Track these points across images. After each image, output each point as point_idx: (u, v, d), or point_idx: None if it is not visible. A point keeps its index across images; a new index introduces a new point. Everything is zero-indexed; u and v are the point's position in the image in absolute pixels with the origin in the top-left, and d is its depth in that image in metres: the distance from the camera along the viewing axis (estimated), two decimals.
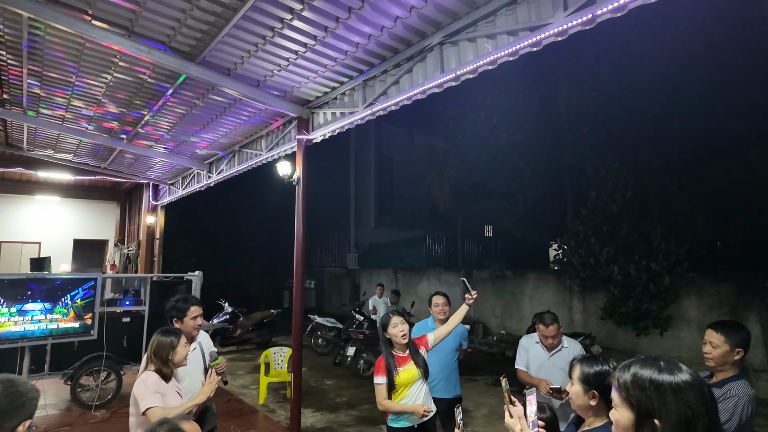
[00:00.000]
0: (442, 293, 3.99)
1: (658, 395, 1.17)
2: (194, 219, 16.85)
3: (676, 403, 1.14)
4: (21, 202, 13.81)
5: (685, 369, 1.21)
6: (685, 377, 1.18)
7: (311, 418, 6.24)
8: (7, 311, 4.20)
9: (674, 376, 1.18)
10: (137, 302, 7.23)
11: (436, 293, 4.01)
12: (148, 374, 2.64)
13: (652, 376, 1.20)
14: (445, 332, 3.26)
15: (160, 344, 2.73)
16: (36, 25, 4.32)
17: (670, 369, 1.20)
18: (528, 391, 1.66)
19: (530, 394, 1.66)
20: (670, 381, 1.17)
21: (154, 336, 2.77)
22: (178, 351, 2.72)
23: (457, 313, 3.30)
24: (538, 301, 10.58)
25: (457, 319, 3.29)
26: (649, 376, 1.20)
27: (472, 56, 3.45)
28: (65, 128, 7.25)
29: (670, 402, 1.15)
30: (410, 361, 2.98)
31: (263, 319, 11.12)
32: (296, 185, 5.26)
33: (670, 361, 1.25)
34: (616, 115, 9.04)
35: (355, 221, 18.59)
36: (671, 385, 1.16)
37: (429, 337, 3.19)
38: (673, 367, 1.21)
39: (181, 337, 2.77)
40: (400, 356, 2.99)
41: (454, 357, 3.92)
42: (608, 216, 8.82)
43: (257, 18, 3.80)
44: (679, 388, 1.16)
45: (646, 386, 1.19)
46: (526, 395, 1.66)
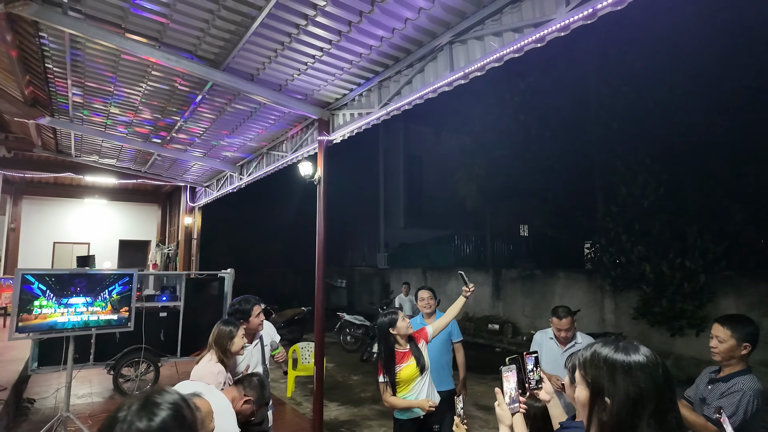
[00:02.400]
0: (427, 288, 4.12)
1: (610, 373, 1.20)
2: (230, 220, 17.48)
3: (624, 381, 1.17)
4: (72, 205, 14.76)
5: (643, 351, 1.23)
6: (638, 358, 1.21)
7: (335, 411, 6.41)
8: (54, 304, 4.56)
9: (627, 356, 1.21)
10: (173, 298, 7.63)
11: (421, 288, 4.13)
12: (218, 367, 2.76)
13: (607, 354, 1.24)
14: (443, 324, 3.33)
15: (220, 333, 2.89)
16: (77, 40, 4.68)
17: (626, 349, 1.24)
18: (505, 368, 1.70)
19: (508, 371, 1.69)
20: (622, 360, 1.21)
21: (215, 325, 2.95)
22: (235, 341, 2.87)
23: (454, 305, 3.36)
24: (568, 301, 10.37)
25: (455, 311, 3.35)
26: (605, 354, 1.24)
27: (480, 54, 3.51)
28: (107, 135, 7.75)
29: (620, 380, 1.18)
30: (411, 356, 3.06)
31: (294, 317, 11.43)
32: (318, 185, 5.44)
33: (630, 343, 1.29)
34: (648, 109, 8.78)
35: (385, 221, 18.75)
36: (623, 364, 1.20)
37: (428, 329, 3.27)
38: (630, 348, 1.25)
39: (239, 328, 2.93)
40: (400, 352, 3.07)
41: (443, 351, 3.97)
42: (640, 213, 8.57)
43: (274, 25, 3.99)
44: (630, 367, 1.18)
45: (600, 364, 1.23)
46: (503, 372, 1.69)
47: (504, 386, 1.66)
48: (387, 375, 3.00)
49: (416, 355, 3.06)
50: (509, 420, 1.60)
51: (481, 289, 13.06)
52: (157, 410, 1.14)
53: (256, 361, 3.24)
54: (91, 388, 6.86)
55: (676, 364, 7.91)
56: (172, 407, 1.17)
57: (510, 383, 1.67)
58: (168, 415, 1.15)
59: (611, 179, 9.34)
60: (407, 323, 3.09)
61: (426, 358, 3.12)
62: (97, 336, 6.15)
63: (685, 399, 2.55)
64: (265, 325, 3.40)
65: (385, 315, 3.14)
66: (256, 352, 3.27)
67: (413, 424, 3.07)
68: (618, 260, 8.81)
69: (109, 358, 6.48)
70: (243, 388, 2.62)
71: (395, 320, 3.06)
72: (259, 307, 3.23)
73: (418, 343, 3.14)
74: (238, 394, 2.58)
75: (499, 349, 11.15)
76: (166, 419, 1.14)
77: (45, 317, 4.50)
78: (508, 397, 1.66)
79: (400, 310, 3.19)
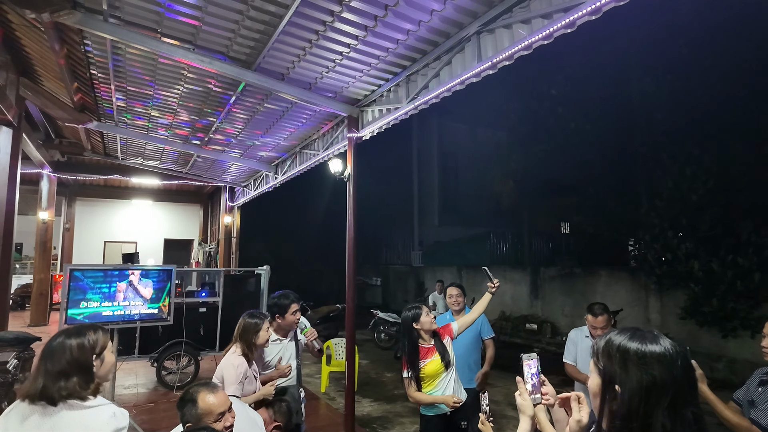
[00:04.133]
0: (456, 285, 4.03)
1: (622, 361, 1.15)
2: (268, 219, 17.90)
3: (637, 370, 1.11)
4: (120, 206, 15.54)
5: (663, 342, 1.15)
6: (655, 348, 1.13)
7: (368, 407, 6.43)
8: (100, 297, 4.81)
9: (644, 345, 1.14)
10: (212, 294, 7.89)
11: (451, 284, 4.05)
12: (240, 360, 2.79)
13: (621, 342, 1.18)
14: (470, 321, 3.26)
15: (245, 327, 2.94)
16: (117, 46, 4.91)
17: (643, 338, 1.17)
18: (526, 356, 1.62)
19: (529, 359, 1.62)
20: (636, 348, 1.14)
21: (241, 318, 2.99)
22: (260, 335, 2.91)
23: (480, 302, 3.28)
24: (611, 300, 9.96)
25: (481, 308, 3.27)
26: (619, 342, 1.18)
27: (508, 43, 3.41)
28: (149, 137, 8.09)
29: (632, 368, 1.12)
30: (435, 352, 3.02)
31: (329, 313, 11.57)
32: (347, 182, 5.46)
33: (650, 332, 1.21)
34: (696, 97, 8.29)
35: (419, 219, 18.66)
36: (637, 352, 1.13)
37: (453, 326, 3.21)
38: (648, 336, 1.17)
39: (264, 321, 2.97)
40: (424, 347, 3.03)
41: (472, 348, 3.90)
42: (687, 207, 8.11)
43: (301, 22, 4.03)
44: (644, 356, 1.12)
45: (613, 352, 1.17)
46: (524, 359, 1.62)
47: (524, 374, 1.59)
48: (411, 370, 2.97)
49: (441, 350, 3.01)
50: (531, 410, 1.52)
51: (519, 287, 12.76)
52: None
53: (289, 355, 3.28)
54: (137, 380, 7.18)
55: (729, 367, 7.45)
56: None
57: (531, 370, 1.60)
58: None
59: (656, 172, 8.89)
60: (431, 318, 3.04)
61: (451, 354, 3.07)
62: (141, 329, 6.44)
63: (733, 401, 2.41)
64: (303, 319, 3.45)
65: (408, 310, 3.10)
66: (291, 346, 3.31)
67: (440, 420, 3.03)
68: (663, 257, 8.38)
69: (153, 351, 6.77)
70: (273, 413, 2.66)
71: (419, 315, 3.02)
72: (296, 305, 3.24)
73: (443, 339, 3.09)
74: (268, 418, 2.62)
75: (537, 349, 10.85)
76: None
77: (92, 310, 4.74)
78: (530, 386, 1.59)
79: (424, 305, 3.14)
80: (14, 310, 12.55)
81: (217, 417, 1.97)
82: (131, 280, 5.04)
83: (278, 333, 3.27)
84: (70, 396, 1.72)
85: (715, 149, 7.96)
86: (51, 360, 1.75)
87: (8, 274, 6.78)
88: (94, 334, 1.86)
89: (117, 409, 1.83)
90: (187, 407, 1.97)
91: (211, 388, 2.03)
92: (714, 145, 7.99)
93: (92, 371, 1.81)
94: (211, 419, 1.95)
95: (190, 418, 1.95)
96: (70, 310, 4.60)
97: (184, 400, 1.99)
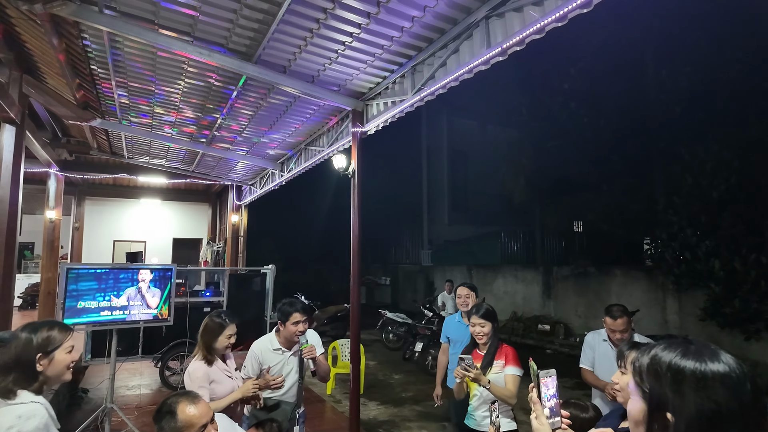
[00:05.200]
0: (468, 284, 3.85)
1: (675, 383, 0.93)
2: (276, 218, 17.80)
3: (696, 395, 0.90)
4: (129, 205, 15.54)
5: (724, 358, 0.93)
6: (718, 367, 0.91)
7: (374, 410, 6.25)
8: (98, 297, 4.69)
9: (702, 364, 0.92)
10: (217, 294, 7.78)
11: (461, 284, 3.89)
12: (195, 368, 2.68)
13: (673, 360, 0.95)
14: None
15: (206, 326, 2.79)
16: (116, 39, 4.78)
17: (700, 354, 0.94)
18: (543, 373, 1.44)
19: (547, 376, 1.44)
20: (694, 368, 0.92)
21: (207, 317, 2.84)
22: (219, 339, 2.73)
23: (496, 389, 2.82)
24: (626, 300, 9.65)
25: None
26: (669, 360, 0.96)
27: (519, 26, 3.19)
28: (154, 135, 7.99)
29: (689, 393, 0.90)
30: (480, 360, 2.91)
31: (337, 313, 11.44)
32: (352, 178, 5.28)
33: (705, 346, 0.98)
34: (716, 91, 7.96)
35: (429, 218, 18.45)
36: (695, 372, 0.91)
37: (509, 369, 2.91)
38: (706, 352, 0.94)
39: (230, 326, 2.78)
40: (478, 353, 2.97)
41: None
42: (707, 204, 7.79)
43: (300, 10, 3.85)
44: (705, 377, 0.90)
45: (662, 372, 0.96)
46: (541, 377, 1.44)
47: (541, 394, 1.40)
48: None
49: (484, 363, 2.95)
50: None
51: (531, 287, 12.49)
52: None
53: (289, 370, 3.05)
54: (141, 380, 7.09)
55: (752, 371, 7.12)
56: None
57: (549, 390, 1.41)
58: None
59: (674, 168, 8.57)
60: (478, 332, 3.01)
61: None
62: (145, 329, 6.32)
63: None
64: (310, 333, 3.18)
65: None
66: (293, 361, 3.07)
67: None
68: (682, 256, 8.07)
69: (156, 352, 6.66)
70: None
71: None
72: (299, 316, 2.99)
73: (497, 360, 2.95)
74: None
75: (550, 351, 10.59)
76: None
77: (89, 310, 4.62)
78: (547, 409, 1.39)
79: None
80: (24, 309, 12.62)
81: (199, 430, 1.80)
82: (140, 287, 4.92)
83: (281, 342, 3.07)
84: (1, 391, 1.67)
85: (737, 144, 7.62)
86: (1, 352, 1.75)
87: (12, 273, 6.70)
88: (48, 332, 1.81)
89: (30, 409, 1.69)
90: (165, 420, 1.79)
91: (192, 398, 1.86)
92: (736, 140, 7.65)
93: (35, 369, 1.74)
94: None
95: (168, 431, 1.78)
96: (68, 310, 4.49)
97: (162, 411, 1.82)
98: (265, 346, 3.09)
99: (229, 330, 2.79)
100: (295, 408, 2.99)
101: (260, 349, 3.08)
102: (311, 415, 6.05)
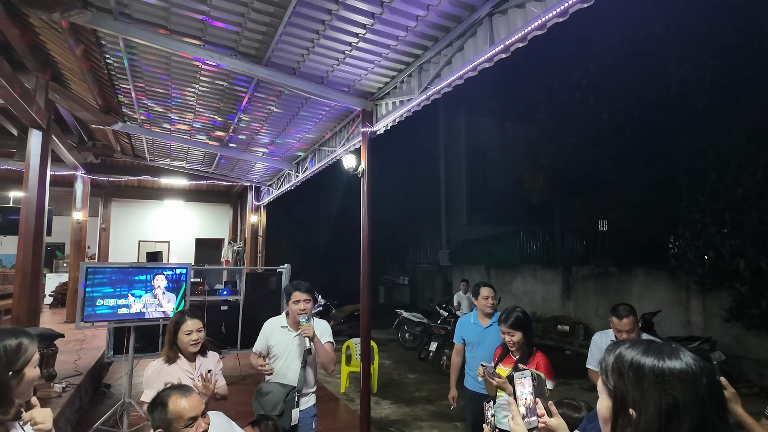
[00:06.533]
0: (488, 284, 3.75)
1: (636, 380, 0.95)
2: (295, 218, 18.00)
3: (654, 391, 0.92)
4: (153, 206, 15.97)
5: (684, 356, 0.95)
6: (675, 364, 0.93)
7: (387, 409, 6.27)
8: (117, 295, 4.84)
9: (660, 361, 0.94)
10: (233, 292, 7.92)
11: (484, 284, 3.75)
12: (149, 366, 2.68)
13: (634, 357, 0.98)
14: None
15: (171, 320, 2.79)
16: (131, 45, 4.93)
17: (660, 352, 0.96)
18: (518, 374, 1.44)
19: (522, 377, 1.43)
20: (653, 365, 0.94)
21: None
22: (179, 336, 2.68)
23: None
24: (648, 300, 9.43)
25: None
26: (631, 357, 0.98)
27: (521, 23, 3.16)
28: (173, 138, 8.20)
29: (648, 389, 0.93)
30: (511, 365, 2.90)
31: (354, 312, 11.50)
32: (361, 178, 5.31)
33: (667, 345, 1.00)
34: (741, 84, 7.68)
35: (447, 217, 18.35)
36: (653, 369, 0.94)
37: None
38: (667, 351, 0.96)
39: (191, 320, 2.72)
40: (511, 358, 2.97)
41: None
42: (732, 201, 7.52)
43: (306, 12, 3.90)
44: (663, 373, 0.92)
45: (624, 369, 0.98)
46: (516, 378, 1.43)
47: (516, 394, 1.40)
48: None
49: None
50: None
51: (550, 287, 12.29)
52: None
53: (289, 351, 3.05)
54: None
55: None
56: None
57: (525, 389, 1.40)
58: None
59: (697, 165, 8.31)
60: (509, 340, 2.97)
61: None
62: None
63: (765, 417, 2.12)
64: (320, 323, 3.20)
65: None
66: (295, 343, 3.07)
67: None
68: (706, 255, 7.82)
69: None
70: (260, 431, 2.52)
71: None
72: (300, 294, 3.01)
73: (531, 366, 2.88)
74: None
75: (570, 351, 10.41)
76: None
77: (108, 308, 4.78)
78: (523, 408, 1.39)
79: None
80: (54, 307, 13.10)
81: (188, 422, 1.85)
82: (156, 294, 5.06)
83: (289, 322, 3.13)
84: None
85: (764, 138, 7.34)
86: None
87: (39, 271, 6.98)
88: (16, 341, 1.46)
89: None
90: (157, 411, 1.86)
91: (184, 391, 1.91)
92: (762, 134, 7.37)
93: (8, 391, 1.41)
94: (182, 424, 1.83)
95: (159, 422, 1.85)
96: (88, 307, 4.65)
97: (155, 403, 1.88)
98: (274, 324, 3.17)
99: (186, 326, 2.69)
100: (294, 391, 2.96)
101: (270, 326, 3.17)
102: (324, 412, 6.11)
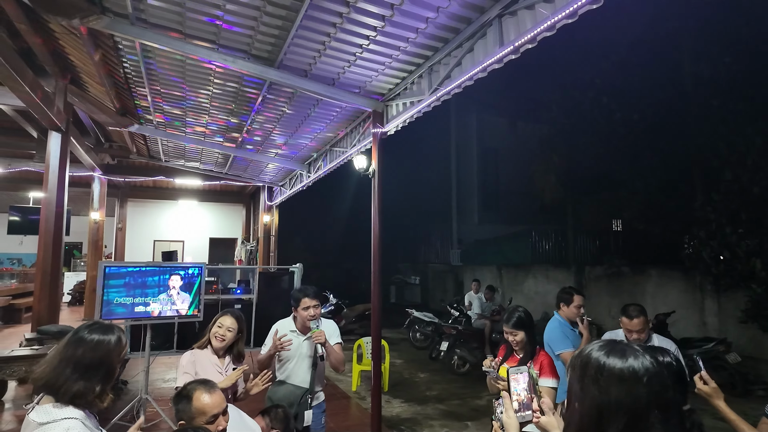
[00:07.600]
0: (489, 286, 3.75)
1: (581, 375, 1.01)
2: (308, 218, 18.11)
3: (593, 387, 0.96)
4: (168, 206, 16.24)
5: (633, 357, 0.96)
6: (617, 363, 0.95)
7: (398, 408, 6.31)
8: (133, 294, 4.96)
9: (607, 358, 0.98)
10: (247, 291, 8.03)
11: (575, 290, 3.82)
12: (184, 355, 2.91)
13: (588, 352, 1.03)
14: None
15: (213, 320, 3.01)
16: (147, 49, 5.05)
17: (610, 351, 0.99)
18: (513, 370, 1.47)
19: (517, 372, 1.47)
20: (598, 363, 0.98)
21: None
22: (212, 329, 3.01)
23: None
24: (661, 301, 9.33)
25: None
26: (586, 352, 1.04)
27: (531, 24, 3.18)
28: (187, 139, 8.35)
29: (588, 385, 0.97)
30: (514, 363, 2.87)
31: (365, 312, 11.55)
32: (372, 178, 5.35)
33: (621, 344, 1.02)
34: (757, 81, 7.57)
35: (458, 217, 18.31)
36: (597, 367, 0.98)
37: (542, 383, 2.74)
38: (617, 350, 0.99)
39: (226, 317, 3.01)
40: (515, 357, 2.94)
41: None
42: (748, 200, 7.41)
43: (317, 15, 3.96)
44: (602, 370, 0.96)
45: (577, 365, 1.03)
46: (511, 373, 1.47)
47: (511, 389, 1.43)
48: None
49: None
50: (516, 429, 1.37)
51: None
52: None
53: (299, 354, 3.16)
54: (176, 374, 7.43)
55: None
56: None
57: (519, 385, 1.44)
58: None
59: (712, 164, 8.20)
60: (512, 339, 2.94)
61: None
62: (179, 325, 6.63)
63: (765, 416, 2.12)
64: (327, 323, 3.28)
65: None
66: (305, 345, 3.17)
67: None
68: (721, 256, 7.71)
69: (190, 346, 6.95)
70: (270, 420, 2.59)
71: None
72: (309, 301, 3.10)
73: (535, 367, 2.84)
74: (265, 426, 2.55)
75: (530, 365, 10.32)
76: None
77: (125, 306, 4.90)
78: (516, 403, 1.42)
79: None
80: (72, 305, 13.42)
81: (210, 419, 1.92)
82: (171, 294, 5.17)
83: (297, 326, 3.20)
84: (76, 398, 1.47)
85: None
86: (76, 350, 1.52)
87: (59, 269, 7.17)
88: (121, 333, 1.64)
89: (74, 424, 1.47)
90: (182, 403, 1.94)
91: (209, 387, 1.98)
92: None
93: (114, 378, 1.61)
94: (204, 420, 1.90)
95: (183, 415, 1.92)
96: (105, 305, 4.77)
97: (181, 395, 1.96)
98: (284, 326, 3.24)
99: (221, 320, 2.99)
100: (307, 393, 3.06)
101: (279, 329, 3.23)
102: (336, 410, 6.18)
